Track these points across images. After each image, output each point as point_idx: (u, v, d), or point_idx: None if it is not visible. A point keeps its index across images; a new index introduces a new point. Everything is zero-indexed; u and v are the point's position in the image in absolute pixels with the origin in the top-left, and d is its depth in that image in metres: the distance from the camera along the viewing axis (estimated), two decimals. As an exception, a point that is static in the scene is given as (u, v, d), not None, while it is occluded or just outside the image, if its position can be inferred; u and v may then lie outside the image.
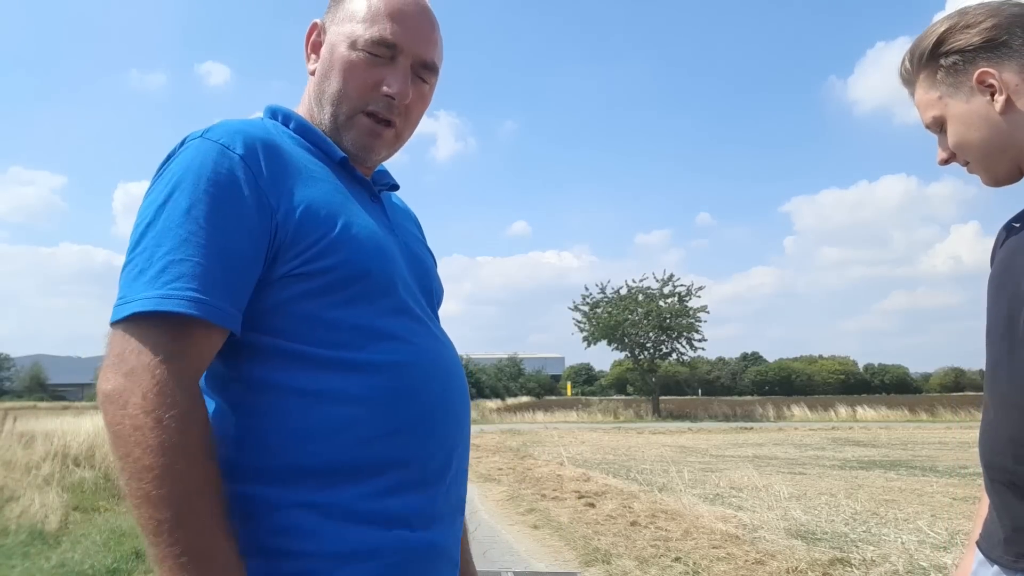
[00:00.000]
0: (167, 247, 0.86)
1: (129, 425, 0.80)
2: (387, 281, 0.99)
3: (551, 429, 23.73)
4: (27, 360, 73.24)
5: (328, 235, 0.94)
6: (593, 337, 36.22)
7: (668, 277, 36.35)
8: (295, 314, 0.92)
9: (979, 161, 1.24)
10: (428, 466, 0.97)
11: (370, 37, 1.05)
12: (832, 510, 7.26)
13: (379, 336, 0.96)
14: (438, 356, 1.03)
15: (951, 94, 1.23)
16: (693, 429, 25.14)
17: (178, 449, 0.80)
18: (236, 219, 0.89)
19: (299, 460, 0.90)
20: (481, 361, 66.74)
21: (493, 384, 60.34)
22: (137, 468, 0.80)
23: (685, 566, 5.03)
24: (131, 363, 0.82)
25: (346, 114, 1.06)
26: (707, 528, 6.19)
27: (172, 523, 0.79)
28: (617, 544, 5.78)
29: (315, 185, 0.98)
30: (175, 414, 0.81)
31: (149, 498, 0.79)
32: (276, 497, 0.89)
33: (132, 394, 0.81)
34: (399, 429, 0.94)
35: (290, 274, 0.92)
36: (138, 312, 0.83)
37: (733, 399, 48.36)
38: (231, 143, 0.93)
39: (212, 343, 0.88)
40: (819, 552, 5.23)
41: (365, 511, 0.91)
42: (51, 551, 5.51)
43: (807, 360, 77.62)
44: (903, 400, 41.98)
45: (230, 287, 0.88)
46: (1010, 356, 1.14)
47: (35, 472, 8.43)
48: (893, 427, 26.75)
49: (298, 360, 0.92)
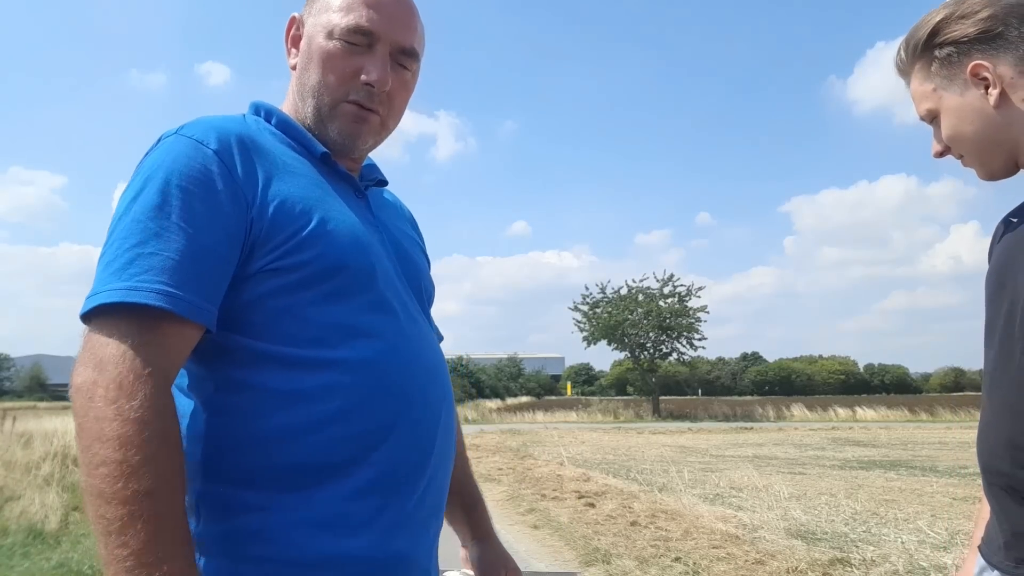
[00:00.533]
0: (135, 240, 0.84)
1: (92, 417, 0.78)
2: (365, 277, 0.97)
3: (551, 429, 23.71)
4: (27, 360, 73.20)
5: (303, 229, 0.92)
6: (593, 337, 36.19)
7: (668, 277, 36.36)
8: (269, 310, 0.91)
9: (973, 155, 1.22)
10: (400, 469, 0.95)
11: (346, 25, 1.03)
12: (832, 510, 7.26)
13: (354, 333, 0.94)
14: (417, 355, 1.00)
15: (945, 86, 1.20)
16: (693, 429, 25.13)
17: (136, 444, 0.77)
18: (208, 213, 0.88)
19: (265, 462, 0.88)
20: (481, 361, 66.68)
21: (493, 384, 60.28)
22: (94, 461, 0.77)
23: (685, 566, 5.03)
24: (99, 355, 0.81)
25: (328, 105, 1.05)
26: (707, 528, 6.19)
27: (122, 522, 0.76)
28: (617, 544, 5.78)
29: (292, 180, 0.97)
30: (135, 405, 0.78)
31: (102, 494, 0.76)
32: (241, 499, 0.87)
33: (98, 386, 0.79)
34: (371, 430, 0.92)
35: (264, 269, 0.91)
36: (104, 303, 0.82)
37: (733, 399, 48.38)
38: (205, 138, 0.92)
39: (185, 339, 0.86)
40: (819, 552, 5.23)
41: (333, 516, 0.89)
42: (51, 551, 5.51)
43: (807, 360, 77.62)
44: (903, 400, 42.00)
45: (202, 282, 0.86)
46: (1010, 357, 1.12)
47: (35, 472, 8.43)
48: (893, 427, 26.74)
49: (267, 359, 0.90)
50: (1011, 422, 1.11)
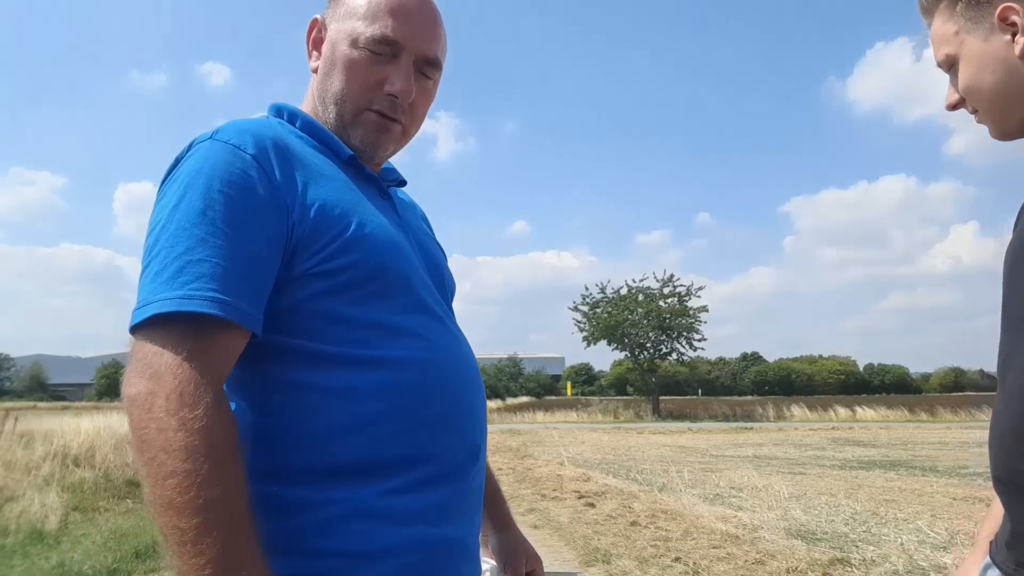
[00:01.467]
0: (183, 248, 0.84)
1: (154, 428, 0.77)
2: (403, 278, 0.98)
3: (551, 429, 23.71)
4: (27, 360, 73.24)
5: (344, 233, 0.93)
6: (593, 337, 36.19)
7: (668, 277, 36.38)
8: (314, 312, 0.91)
9: (989, 110, 1.13)
10: (450, 462, 0.97)
11: (371, 35, 1.03)
12: (832, 510, 7.26)
13: (397, 333, 0.95)
14: (455, 352, 1.02)
15: (969, 29, 1.11)
16: (693, 429, 25.13)
17: (203, 453, 0.77)
18: (252, 219, 0.87)
19: (321, 459, 0.89)
20: (481, 361, 65.13)
21: (493, 384, 60.32)
22: (161, 473, 0.77)
23: (685, 566, 5.03)
24: (154, 366, 0.80)
25: (351, 113, 1.05)
26: (707, 528, 6.19)
27: (196, 532, 0.75)
28: (617, 544, 5.78)
29: (327, 183, 0.97)
30: (199, 415, 0.78)
31: (173, 505, 0.76)
32: (299, 497, 0.88)
33: (156, 396, 0.78)
34: (420, 425, 0.94)
35: (308, 273, 0.91)
36: (159, 314, 0.81)
37: (733, 399, 48.35)
38: (242, 143, 0.91)
39: (235, 345, 0.86)
40: (819, 552, 5.23)
41: (388, 508, 0.90)
42: (51, 551, 5.51)
43: (807, 360, 77.59)
44: (903, 400, 41.95)
45: (250, 287, 0.86)
46: (1009, 352, 1.06)
47: (35, 472, 8.43)
48: (893, 427, 26.74)
49: (318, 359, 0.91)
50: (1017, 412, 1.03)
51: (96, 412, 14.94)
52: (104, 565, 5.06)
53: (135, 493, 8.44)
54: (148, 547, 5.55)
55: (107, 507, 7.50)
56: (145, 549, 5.50)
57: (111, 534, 6.03)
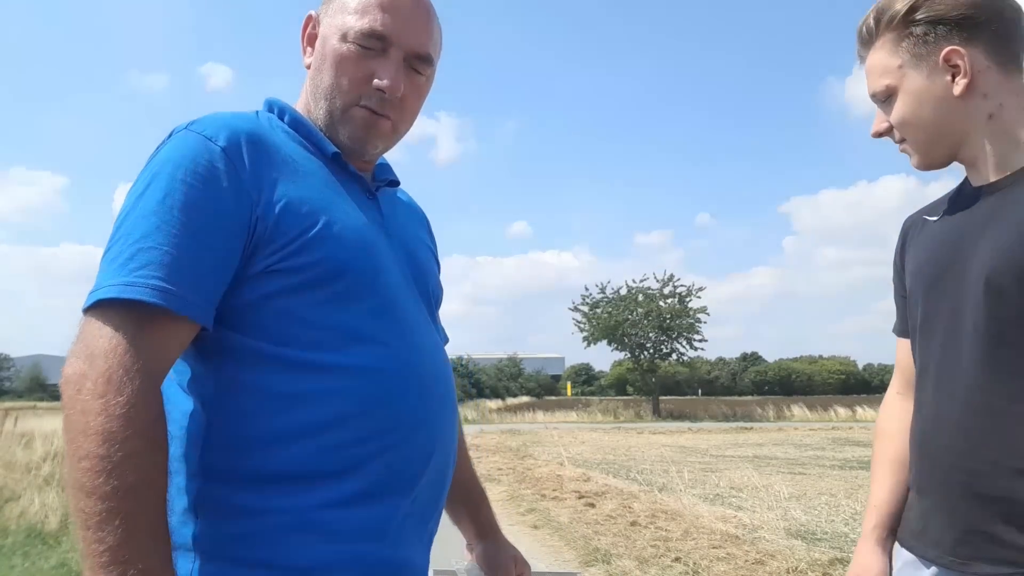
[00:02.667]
0: (137, 235, 0.84)
1: (78, 409, 0.78)
2: (369, 280, 0.96)
3: (551, 429, 23.70)
4: (27, 360, 73.20)
5: (309, 231, 0.92)
6: (593, 337, 36.18)
7: (668, 277, 36.34)
8: (271, 311, 0.90)
9: (920, 142, 1.19)
10: (395, 478, 0.94)
11: (360, 29, 1.02)
12: (832, 510, 7.26)
13: (356, 338, 0.93)
14: (418, 362, 0.99)
15: (913, 65, 1.16)
16: (693, 429, 25.12)
17: (120, 439, 0.77)
18: (211, 210, 0.87)
19: (263, 464, 0.88)
20: (481, 361, 66.66)
21: (493, 384, 60.32)
22: (77, 454, 0.77)
23: (685, 566, 5.03)
24: (91, 348, 0.80)
25: (340, 108, 1.04)
26: (707, 528, 6.19)
27: (100, 517, 0.75)
28: (617, 544, 5.78)
29: (301, 180, 0.96)
30: (121, 401, 0.78)
31: (83, 487, 0.76)
32: (239, 501, 0.87)
33: (86, 379, 0.78)
34: (367, 437, 0.92)
35: (268, 269, 0.90)
36: (103, 299, 0.81)
37: (733, 399, 48.38)
38: (214, 135, 0.91)
39: (179, 335, 0.85)
40: (819, 552, 5.24)
41: (328, 522, 0.89)
42: (51, 551, 5.52)
43: (807, 360, 77.60)
44: (903, 400, 41.80)
45: (200, 278, 0.85)
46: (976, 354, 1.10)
47: (35, 472, 8.42)
48: (893, 427, 26.66)
49: (269, 360, 0.90)
50: (990, 420, 1.09)
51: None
52: (104, 565, 5.05)
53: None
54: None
55: (107, 507, 7.49)
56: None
57: (111, 534, 6.03)
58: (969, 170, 1.22)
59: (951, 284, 1.16)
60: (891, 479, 1.35)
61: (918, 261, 1.27)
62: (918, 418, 1.23)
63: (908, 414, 1.33)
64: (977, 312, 1.11)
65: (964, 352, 1.12)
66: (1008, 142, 1.15)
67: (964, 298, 1.13)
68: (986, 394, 1.10)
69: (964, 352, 1.12)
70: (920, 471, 1.21)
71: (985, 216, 1.15)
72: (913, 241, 1.32)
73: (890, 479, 1.35)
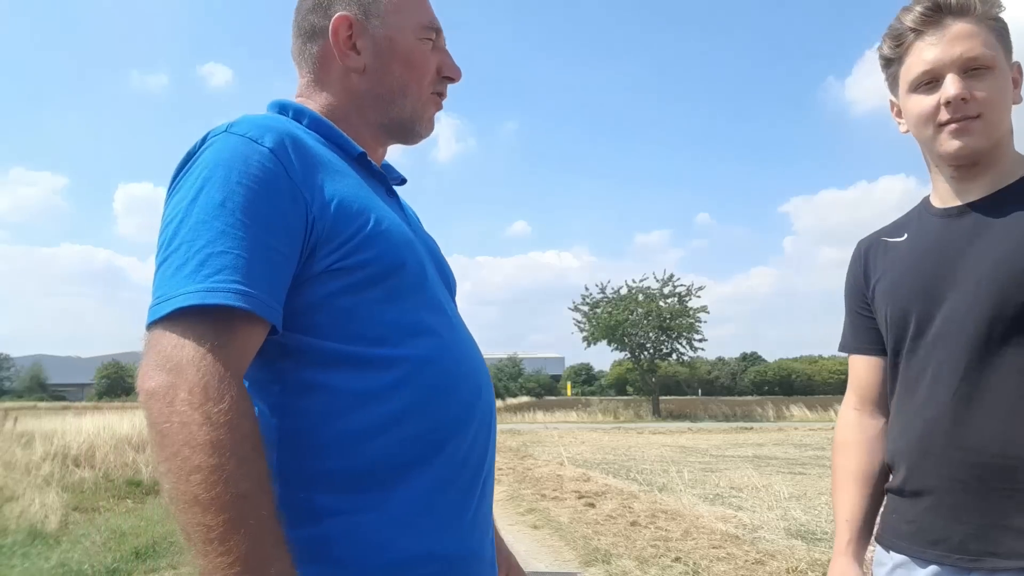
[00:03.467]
0: (203, 241, 0.82)
1: (177, 422, 0.75)
2: (419, 276, 0.98)
3: (551, 429, 23.71)
4: (27, 360, 73.23)
5: (363, 229, 0.92)
6: (593, 337, 36.16)
7: (668, 277, 36.32)
8: (336, 310, 0.90)
9: (993, 125, 1.20)
10: (467, 463, 0.96)
11: (426, 23, 1.10)
12: (832, 510, 7.25)
13: (416, 331, 0.94)
14: (468, 351, 1.02)
15: (1003, 56, 1.22)
16: (693, 429, 25.13)
17: (229, 448, 0.75)
18: (272, 212, 0.85)
19: (344, 463, 0.87)
20: (481, 361, 66.55)
21: (493, 384, 60.17)
22: (185, 468, 0.74)
23: (685, 566, 5.03)
24: (175, 359, 0.77)
25: (423, 102, 1.10)
26: (707, 528, 6.19)
27: (224, 529, 0.73)
28: (617, 544, 5.78)
29: (343, 179, 0.96)
30: (223, 409, 0.76)
31: (198, 501, 0.73)
32: (321, 502, 0.87)
33: (178, 390, 0.76)
34: (440, 426, 0.93)
35: (329, 269, 0.90)
36: (182, 308, 0.79)
37: (733, 399, 48.35)
38: (258, 136, 0.89)
39: (255, 338, 0.84)
40: (819, 552, 5.23)
41: (413, 515, 0.89)
42: (51, 551, 5.51)
43: (807, 360, 77.55)
44: (903, 400, 41.78)
45: (271, 281, 0.84)
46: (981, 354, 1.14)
47: (35, 472, 8.44)
48: (893, 427, 26.65)
49: (339, 359, 0.89)
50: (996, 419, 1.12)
51: (96, 412, 14.95)
52: (104, 565, 5.06)
53: (135, 493, 8.44)
54: (148, 547, 5.56)
55: (107, 507, 7.51)
56: (145, 549, 5.50)
57: (111, 534, 6.04)
58: (961, 182, 1.26)
59: (945, 294, 1.20)
60: (858, 493, 1.37)
61: (894, 278, 1.30)
62: (914, 422, 1.24)
63: (868, 428, 1.38)
64: (980, 316, 1.14)
65: (965, 354, 1.16)
66: (1010, 160, 1.23)
67: (962, 305, 1.17)
68: (990, 392, 1.13)
69: (965, 354, 1.16)
70: (919, 472, 1.21)
71: (973, 230, 1.20)
72: (878, 262, 1.36)
73: (857, 494, 1.37)
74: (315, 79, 1.09)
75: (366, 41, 1.07)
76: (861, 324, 1.41)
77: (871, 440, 1.38)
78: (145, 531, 6.18)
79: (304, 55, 1.10)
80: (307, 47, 1.10)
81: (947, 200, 1.27)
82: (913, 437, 1.23)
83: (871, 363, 1.39)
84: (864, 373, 1.41)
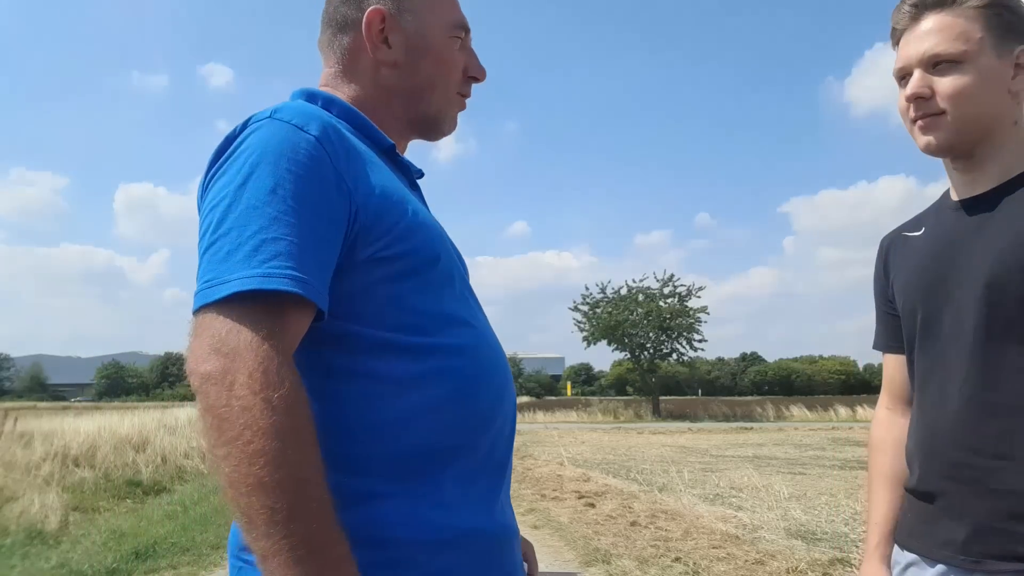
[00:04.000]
0: (256, 226, 0.82)
1: (237, 407, 0.75)
2: (451, 267, 1.00)
3: (551, 429, 23.70)
4: (27, 360, 73.27)
5: (403, 219, 0.93)
6: (593, 337, 36.17)
7: (668, 277, 36.32)
8: (380, 298, 0.91)
9: (960, 119, 1.16)
10: (499, 449, 0.99)
11: (456, 22, 1.11)
12: (832, 510, 7.26)
13: (452, 321, 0.96)
14: (494, 343, 1.04)
15: (993, 44, 1.15)
16: (693, 429, 25.12)
17: (290, 432, 0.76)
18: (320, 199, 0.86)
19: (385, 448, 0.89)
20: (481, 361, 66.67)
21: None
22: (248, 452, 0.74)
23: (685, 566, 5.03)
24: (231, 343, 0.77)
25: (449, 100, 1.12)
26: (707, 528, 6.19)
27: (287, 512, 0.74)
28: (617, 544, 5.78)
29: (380, 170, 0.97)
30: (283, 394, 0.76)
31: (263, 485, 0.74)
32: (366, 486, 0.88)
33: (238, 373, 0.76)
34: (478, 412, 0.95)
35: (373, 257, 0.90)
36: (237, 292, 0.78)
37: (733, 399, 48.35)
38: (304, 124, 0.89)
39: (304, 324, 0.84)
40: (819, 552, 5.24)
41: (454, 497, 0.91)
42: (51, 551, 5.51)
43: (807, 360, 77.61)
44: (903, 400, 41.75)
45: (320, 268, 0.85)
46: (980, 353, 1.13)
47: (35, 472, 8.43)
48: (893, 427, 26.63)
49: (378, 345, 0.90)
50: (990, 417, 1.11)
51: (96, 412, 14.95)
52: (104, 565, 5.06)
53: (135, 493, 8.44)
54: (148, 547, 5.56)
55: (107, 507, 7.51)
56: (145, 549, 5.50)
57: (111, 534, 6.04)
58: (964, 173, 1.24)
59: (951, 290, 1.18)
60: (889, 495, 1.36)
61: (908, 274, 1.29)
62: (923, 422, 1.23)
63: (899, 428, 1.36)
64: (979, 313, 1.13)
65: (968, 353, 1.14)
66: (1020, 150, 1.19)
67: (965, 302, 1.15)
68: (991, 392, 1.12)
69: (968, 353, 1.14)
70: (927, 472, 1.21)
71: (979, 223, 1.18)
72: (897, 257, 1.35)
73: (888, 495, 1.36)
74: (343, 70, 1.09)
75: (398, 36, 1.07)
76: (889, 322, 1.39)
77: (901, 440, 1.36)
78: (145, 531, 6.18)
79: (333, 46, 1.10)
80: (337, 38, 1.09)
81: (959, 193, 1.25)
82: (921, 438, 1.23)
83: (900, 361, 1.38)
84: (894, 371, 1.40)
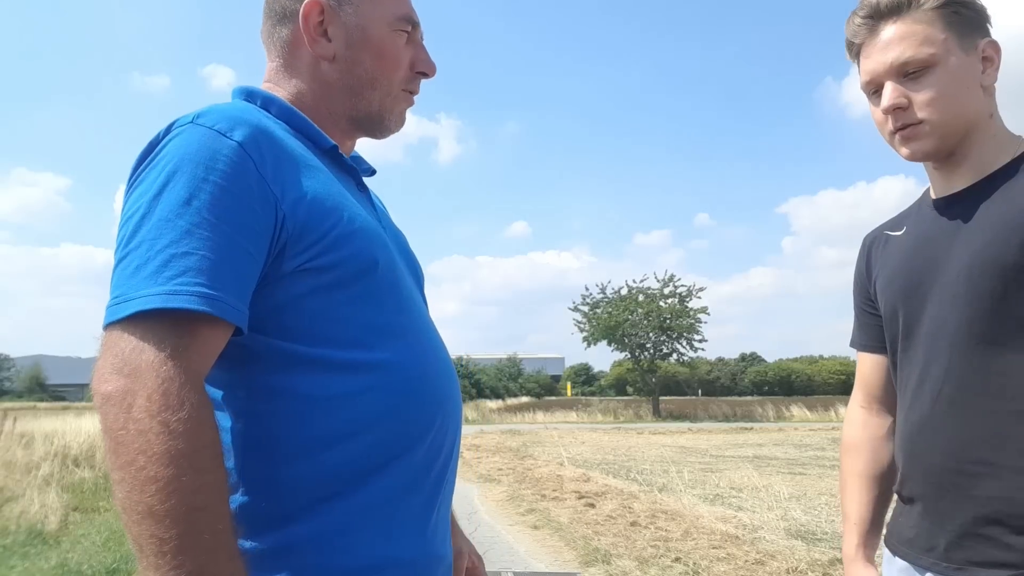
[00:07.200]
0: (166, 240, 0.78)
1: (133, 430, 0.72)
2: (391, 274, 0.95)
3: (551, 429, 23.70)
4: (27, 360, 73.19)
5: (336, 227, 0.89)
6: (593, 337, 36.16)
7: (669, 278, 36.33)
8: (305, 311, 0.87)
9: (942, 124, 1.14)
10: (432, 467, 0.95)
11: (404, 15, 1.06)
12: (832, 510, 7.25)
13: (388, 333, 0.92)
14: (437, 352, 1.00)
15: (957, 43, 1.13)
16: (693, 429, 25.11)
17: (186, 458, 0.72)
18: (239, 210, 0.81)
19: (311, 469, 0.85)
20: (481, 361, 66.62)
21: (493, 384, 60.26)
22: (140, 479, 0.71)
23: (685, 566, 5.03)
24: (133, 363, 0.74)
25: (393, 97, 1.07)
26: (707, 528, 6.19)
27: (176, 543, 0.71)
28: (617, 544, 5.78)
29: (314, 174, 0.92)
30: (183, 417, 0.73)
31: (152, 513, 0.71)
32: (280, 510, 0.84)
33: (136, 395, 0.73)
34: (409, 430, 0.91)
35: (300, 269, 0.86)
36: (142, 311, 0.75)
37: (733, 399, 48.29)
38: (227, 129, 0.85)
39: (218, 341, 0.81)
40: (819, 552, 5.24)
41: (380, 520, 0.88)
42: (51, 551, 5.52)
43: (807, 360, 77.53)
44: (903, 400, 41.74)
45: (238, 282, 0.81)
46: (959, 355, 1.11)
47: (35, 472, 8.43)
48: (893, 427, 26.64)
49: (308, 363, 0.86)
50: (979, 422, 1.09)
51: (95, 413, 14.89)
52: (104, 565, 5.06)
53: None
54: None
55: (107, 507, 7.50)
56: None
57: (111, 534, 6.03)
58: (943, 171, 1.22)
59: (930, 290, 1.17)
60: (866, 495, 1.36)
61: (889, 274, 1.28)
62: (906, 426, 1.22)
63: (874, 426, 1.36)
64: (958, 314, 1.12)
65: (947, 355, 1.13)
66: (996, 144, 1.17)
67: (944, 302, 1.14)
68: (971, 395, 1.10)
69: (947, 355, 1.13)
70: (912, 477, 1.20)
71: (957, 222, 1.17)
72: (879, 256, 1.34)
73: (865, 495, 1.36)
74: (284, 64, 1.05)
75: (337, 28, 1.03)
76: (866, 320, 1.39)
77: (877, 440, 1.36)
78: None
79: (273, 38, 1.06)
80: (276, 30, 1.05)
81: (938, 191, 1.24)
82: (904, 441, 1.22)
83: (876, 361, 1.38)
84: (869, 371, 1.40)
